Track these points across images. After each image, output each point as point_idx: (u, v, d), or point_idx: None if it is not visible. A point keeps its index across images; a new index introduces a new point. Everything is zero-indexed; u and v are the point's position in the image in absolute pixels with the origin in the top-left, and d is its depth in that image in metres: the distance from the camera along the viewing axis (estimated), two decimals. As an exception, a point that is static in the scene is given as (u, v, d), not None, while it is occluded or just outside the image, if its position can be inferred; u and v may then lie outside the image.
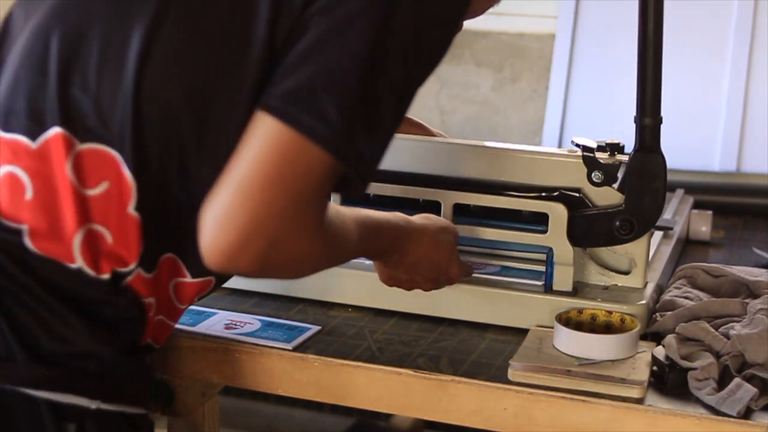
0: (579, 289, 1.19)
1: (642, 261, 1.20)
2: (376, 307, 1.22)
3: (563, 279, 1.18)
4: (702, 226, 1.55)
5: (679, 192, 1.63)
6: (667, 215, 1.48)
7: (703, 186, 1.78)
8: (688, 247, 1.52)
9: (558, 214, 1.18)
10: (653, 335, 1.14)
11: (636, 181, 1.16)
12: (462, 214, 1.23)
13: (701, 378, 1.02)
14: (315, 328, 1.17)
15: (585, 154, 1.19)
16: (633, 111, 1.16)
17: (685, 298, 1.18)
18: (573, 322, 1.12)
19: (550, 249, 1.19)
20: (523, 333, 1.14)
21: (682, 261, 1.41)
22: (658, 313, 1.16)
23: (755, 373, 1.02)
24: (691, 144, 1.93)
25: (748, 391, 0.99)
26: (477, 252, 1.28)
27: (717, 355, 1.05)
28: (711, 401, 0.99)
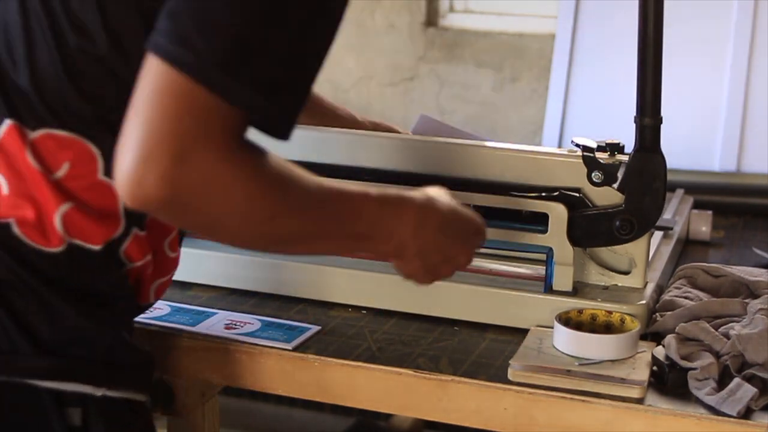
0: (579, 289, 1.19)
1: (642, 261, 1.20)
2: (376, 307, 1.23)
3: (563, 279, 1.18)
4: (702, 226, 1.55)
5: (679, 192, 1.63)
6: (667, 215, 1.48)
7: (703, 186, 1.78)
8: (688, 247, 1.52)
9: (558, 214, 1.18)
10: (653, 335, 1.14)
11: (636, 181, 1.16)
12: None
13: (701, 378, 1.02)
14: (315, 328, 1.17)
15: (585, 154, 1.19)
16: (633, 111, 1.16)
17: (685, 298, 1.18)
18: (573, 322, 1.12)
19: (550, 249, 1.19)
20: (523, 333, 1.14)
21: (682, 261, 1.41)
22: (658, 313, 1.16)
23: (755, 373, 1.02)
24: (691, 144, 1.93)
25: (748, 391, 0.99)
26: (477, 252, 1.28)
27: (717, 355, 1.05)
28: (711, 401, 0.99)
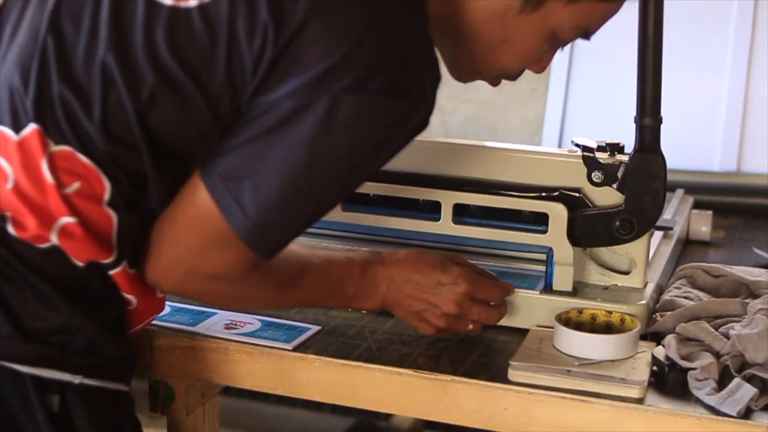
0: (579, 289, 1.19)
1: (642, 261, 1.20)
2: (376, 307, 1.22)
3: (563, 279, 1.18)
4: (702, 226, 1.55)
5: (679, 192, 1.63)
6: (667, 215, 1.48)
7: (703, 186, 1.78)
8: (688, 247, 1.52)
9: (558, 214, 1.18)
10: (653, 335, 1.14)
11: (636, 181, 1.16)
12: (462, 214, 1.23)
13: (701, 378, 1.02)
14: (315, 328, 1.16)
15: (585, 154, 1.19)
16: (633, 111, 1.15)
17: (685, 298, 1.18)
18: (573, 322, 1.12)
19: (550, 249, 1.19)
20: (523, 333, 1.14)
21: (682, 261, 1.41)
22: (658, 313, 1.16)
23: (755, 373, 1.02)
24: (691, 144, 1.93)
25: (748, 391, 0.99)
26: (477, 252, 1.28)
27: (717, 355, 1.05)
28: (711, 401, 0.99)
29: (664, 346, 1.07)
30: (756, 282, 1.20)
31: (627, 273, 1.21)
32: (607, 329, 1.12)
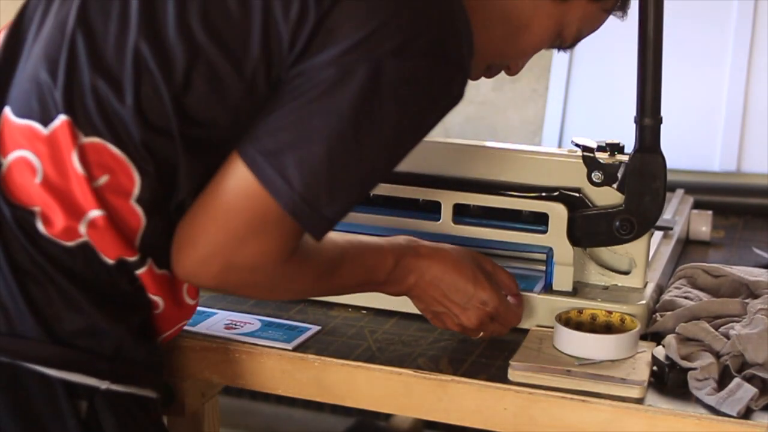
0: (579, 289, 1.19)
1: (642, 261, 1.20)
2: (376, 307, 1.23)
3: (563, 279, 1.18)
4: (702, 226, 1.55)
5: (679, 192, 1.63)
6: (667, 215, 1.48)
7: (703, 186, 1.78)
8: (688, 247, 1.52)
9: (558, 214, 1.18)
10: (653, 335, 1.14)
11: (636, 181, 1.16)
12: (462, 214, 1.23)
13: (701, 378, 1.02)
14: (315, 328, 1.17)
15: (585, 154, 1.19)
16: (633, 111, 1.15)
17: (685, 298, 1.18)
18: (573, 322, 1.12)
19: (550, 249, 1.19)
20: (523, 333, 1.14)
21: (682, 261, 1.41)
22: (658, 313, 1.16)
23: (755, 373, 1.02)
24: (691, 144, 1.93)
25: (748, 391, 0.99)
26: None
27: (717, 355, 1.05)
28: (711, 401, 0.99)
29: (664, 346, 1.07)
30: (756, 282, 1.20)
31: (627, 273, 1.21)
32: (607, 329, 1.12)
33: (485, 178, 1.22)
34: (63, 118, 0.93)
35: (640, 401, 1.01)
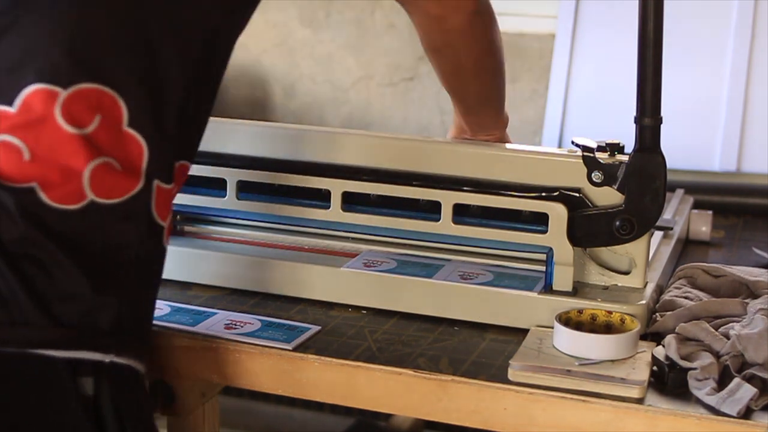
0: (579, 289, 1.19)
1: (642, 261, 1.20)
2: (376, 307, 1.23)
3: (563, 279, 1.18)
4: (702, 226, 1.55)
5: (679, 192, 1.63)
6: (667, 215, 1.48)
7: (703, 186, 1.78)
8: (688, 247, 1.52)
9: (558, 214, 1.18)
10: (653, 335, 1.14)
11: (636, 181, 1.16)
12: (462, 214, 1.23)
13: (701, 378, 1.02)
14: (315, 328, 1.17)
15: (585, 154, 1.19)
16: (633, 111, 1.15)
17: (685, 298, 1.18)
18: (573, 322, 1.12)
19: (550, 249, 1.19)
20: (523, 333, 1.14)
21: (682, 261, 1.41)
22: (658, 313, 1.16)
23: (755, 373, 1.02)
24: (691, 144, 1.93)
25: (748, 391, 0.99)
26: (477, 252, 1.28)
27: (717, 355, 1.05)
28: (711, 401, 0.99)
29: (664, 346, 1.07)
30: (756, 282, 1.20)
31: (627, 273, 1.21)
32: (607, 329, 1.12)
33: (485, 178, 1.22)
34: (33, 87, 0.92)
35: (640, 401, 1.01)
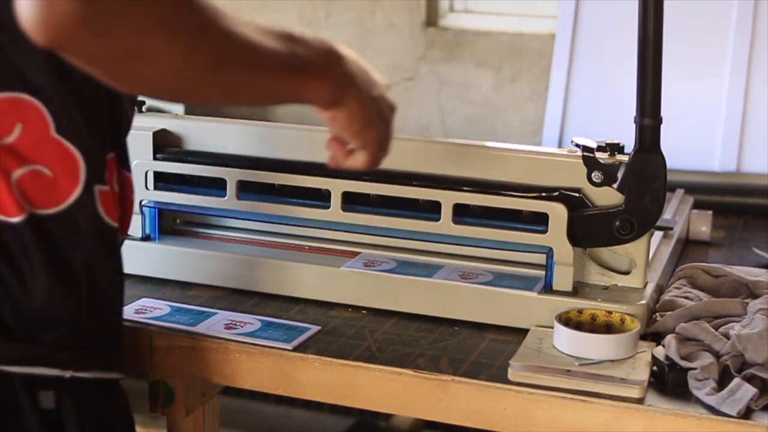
0: (579, 289, 1.19)
1: (642, 261, 1.20)
2: (376, 307, 1.23)
3: (563, 279, 1.18)
4: (702, 226, 1.55)
5: (679, 192, 1.63)
6: (667, 215, 1.48)
7: (703, 186, 1.78)
8: (688, 247, 1.52)
9: (558, 214, 1.18)
10: (653, 335, 1.14)
11: (636, 181, 1.16)
12: (462, 214, 1.23)
13: (701, 378, 1.02)
14: (315, 328, 1.17)
15: (585, 154, 1.19)
16: (633, 111, 1.15)
17: (685, 298, 1.18)
18: (573, 322, 1.12)
19: (550, 249, 1.19)
20: (523, 333, 1.14)
21: (682, 261, 1.41)
22: (658, 313, 1.16)
23: (755, 373, 1.02)
24: (691, 144, 1.93)
25: (748, 391, 0.99)
26: (476, 252, 1.28)
27: (717, 355, 1.05)
28: (711, 401, 0.99)
29: (664, 346, 1.07)
30: (756, 282, 1.20)
31: (627, 273, 1.21)
32: (607, 329, 1.12)
33: (485, 178, 1.22)
34: None
35: (640, 401, 1.01)
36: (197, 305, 1.22)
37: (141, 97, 1.31)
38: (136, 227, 1.31)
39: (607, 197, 1.18)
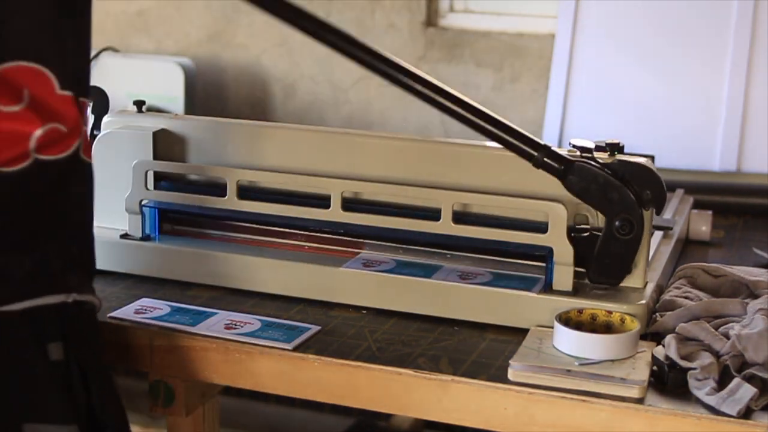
0: (579, 289, 1.19)
1: (642, 261, 1.20)
2: (376, 307, 1.23)
3: (563, 279, 1.18)
4: (702, 226, 1.55)
5: (679, 192, 1.63)
6: (667, 215, 1.48)
7: (703, 186, 1.78)
8: (688, 247, 1.52)
9: (558, 214, 1.18)
10: (653, 335, 1.14)
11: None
12: (462, 214, 1.23)
13: (701, 378, 1.02)
14: (315, 328, 1.17)
15: (584, 155, 1.18)
16: (633, 111, 1.15)
17: (685, 298, 1.18)
18: (573, 322, 1.12)
19: (550, 249, 1.19)
20: (523, 333, 1.14)
21: (682, 261, 1.41)
22: (658, 313, 1.16)
23: (755, 373, 1.02)
24: (691, 144, 1.93)
25: (748, 391, 0.99)
26: (477, 252, 1.28)
27: (717, 355, 1.05)
28: (711, 401, 0.99)
29: (664, 346, 1.08)
30: (756, 282, 1.20)
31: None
32: (607, 329, 1.12)
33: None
34: None
35: (640, 401, 1.01)
36: (197, 305, 1.22)
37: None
38: (136, 227, 1.31)
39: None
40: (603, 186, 1.15)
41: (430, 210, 1.24)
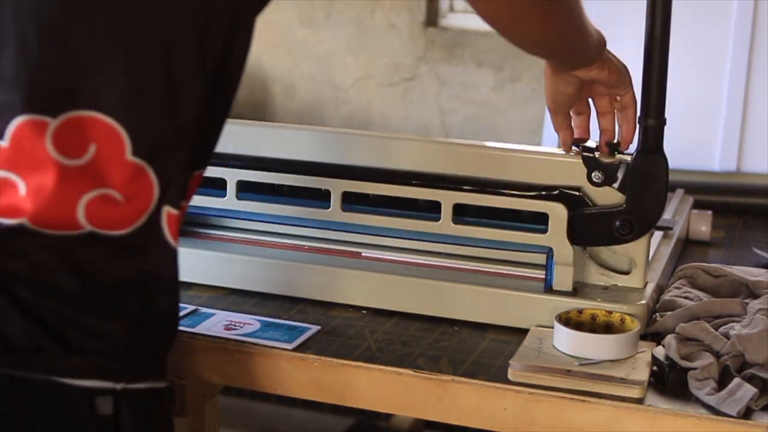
0: (579, 289, 1.19)
1: (642, 261, 1.20)
2: (376, 307, 1.23)
3: (563, 279, 1.18)
4: (702, 226, 1.55)
5: (679, 192, 1.63)
6: (667, 215, 1.48)
7: (703, 186, 1.78)
8: (688, 247, 1.52)
9: (558, 214, 1.18)
10: (653, 335, 1.14)
11: (638, 182, 1.16)
12: (462, 214, 1.23)
13: (701, 378, 1.02)
14: (315, 328, 1.17)
15: (585, 154, 1.19)
16: (632, 111, 1.15)
17: (685, 298, 1.18)
18: (573, 322, 1.12)
19: (550, 249, 1.19)
20: (523, 333, 1.14)
21: (682, 261, 1.41)
22: (658, 313, 1.16)
23: (755, 373, 1.02)
24: (691, 144, 1.93)
25: (748, 391, 0.99)
26: (476, 252, 1.28)
27: (717, 355, 1.05)
28: (711, 401, 0.99)
29: (664, 346, 1.07)
30: (756, 282, 1.20)
31: (627, 273, 1.21)
32: (607, 329, 1.12)
33: (485, 178, 1.22)
34: (19, 119, 0.89)
35: (640, 401, 1.01)
36: (197, 305, 1.22)
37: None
38: (136, 227, 1.31)
39: (607, 197, 1.18)
40: None
41: (430, 210, 1.24)
